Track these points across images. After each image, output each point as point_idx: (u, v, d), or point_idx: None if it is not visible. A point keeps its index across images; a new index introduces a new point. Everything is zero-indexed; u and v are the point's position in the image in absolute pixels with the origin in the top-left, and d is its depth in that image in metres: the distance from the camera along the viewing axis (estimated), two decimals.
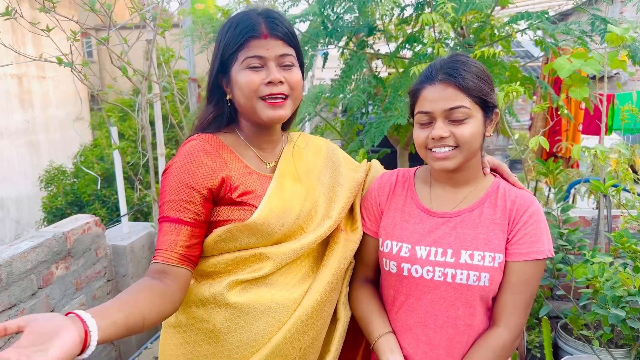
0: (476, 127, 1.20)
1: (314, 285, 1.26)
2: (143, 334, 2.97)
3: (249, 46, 1.18)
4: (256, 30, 1.18)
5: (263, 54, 1.18)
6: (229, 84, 1.24)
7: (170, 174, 1.20)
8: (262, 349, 1.19)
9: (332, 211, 1.33)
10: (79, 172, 7.09)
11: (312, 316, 1.24)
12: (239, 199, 1.21)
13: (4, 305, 2.11)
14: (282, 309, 1.21)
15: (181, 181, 1.17)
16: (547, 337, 2.11)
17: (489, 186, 1.30)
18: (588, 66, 2.39)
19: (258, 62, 1.19)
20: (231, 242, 1.21)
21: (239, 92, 1.21)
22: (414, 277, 1.26)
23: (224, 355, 1.21)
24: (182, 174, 1.18)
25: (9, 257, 2.13)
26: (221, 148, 1.25)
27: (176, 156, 1.24)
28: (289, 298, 1.23)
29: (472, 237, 1.24)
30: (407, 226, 1.31)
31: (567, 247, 2.27)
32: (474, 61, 1.23)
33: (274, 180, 1.26)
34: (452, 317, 1.24)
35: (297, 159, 1.37)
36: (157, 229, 1.26)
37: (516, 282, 1.22)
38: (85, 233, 2.58)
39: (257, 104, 1.20)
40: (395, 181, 1.39)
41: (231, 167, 1.23)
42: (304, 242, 1.26)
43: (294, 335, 1.21)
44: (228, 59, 1.21)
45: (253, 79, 1.18)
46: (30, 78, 11.08)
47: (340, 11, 3.11)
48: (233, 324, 1.20)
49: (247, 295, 1.21)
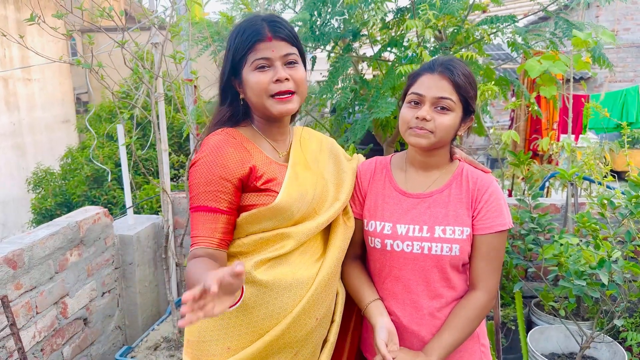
0: (454, 121, 1.42)
1: (325, 262, 1.44)
2: (148, 317, 3.16)
3: (256, 49, 1.32)
4: (261, 34, 1.32)
5: (269, 55, 1.32)
6: (241, 84, 1.38)
7: (202, 167, 1.32)
8: (283, 320, 1.36)
9: (341, 194, 1.51)
10: (66, 174, 7.20)
11: (325, 289, 1.42)
12: (263, 187, 1.36)
13: (26, 287, 2.30)
14: (302, 284, 1.38)
15: (214, 173, 1.30)
16: (520, 309, 2.36)
17: (455, 169, 1.52)
18: (556, 67, 2.64)
19: (265, 63, 1.33)
20: (256, 225, 1.36)
21: (251, 91, 1.35)
22: (396, 251, 1.47)
23: (251, 326, 1.37)
24: (214, 167, 1.31)
25: (30, 243, 2.32)
26: (244, 140, 1.39)
27: (203, 150, 1.36)
28: (307, 275, 1.39)
29: (444, 215, 1.46)
30: (387, 207, 1.52)
31: (538, 229, 2.53)
32: (467, 68, 1.45)
33: (289, 169, 1.41)
34: (430, 282, 1.46)
35: (305, 149, 1.53)
36: (166, 222, 1.42)
37: (486, 252, 1.46)
38: (96, 223, 2.77)
39: (267, 101, 1.34)
40: (374, 168, 1.60)
41: (255, 158, 1.37)
42: (319, 221, 1.43)
43: (312, 306, 1.39)
44: (238, 62, 1.35)
45: (262, 79, 1.32)
46: (15, 80, 11.09)
47: (327, 17, 3.35)
48: (259, 299, 1.36)
49: (272, 273, 1.36)
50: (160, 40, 2.49)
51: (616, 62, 12.65)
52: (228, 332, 1.38)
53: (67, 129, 12.58)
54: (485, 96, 2.56)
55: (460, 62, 1.46)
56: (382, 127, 3.74)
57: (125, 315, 3.10)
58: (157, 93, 2.69)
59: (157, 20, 2.55)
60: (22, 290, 2.27)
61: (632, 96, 8.52)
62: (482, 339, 1.56)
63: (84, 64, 2.21)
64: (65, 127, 12.63)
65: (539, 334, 2.46)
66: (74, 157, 7.20)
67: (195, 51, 2.89)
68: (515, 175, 4.66)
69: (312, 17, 3.06)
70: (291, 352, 1.40)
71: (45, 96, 12.02)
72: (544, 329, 2.48)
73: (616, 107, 8.54)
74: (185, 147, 6.42)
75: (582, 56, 2.74)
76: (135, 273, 3.04)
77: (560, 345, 2.45)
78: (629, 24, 12.61)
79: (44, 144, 11.74)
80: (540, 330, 2.48)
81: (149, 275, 3.19)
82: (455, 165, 1.54)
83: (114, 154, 6.37)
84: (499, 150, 4.09)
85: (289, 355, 1.40)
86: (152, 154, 5.95)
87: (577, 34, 2.56)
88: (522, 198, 2.60)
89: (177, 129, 6.21)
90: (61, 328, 2.53)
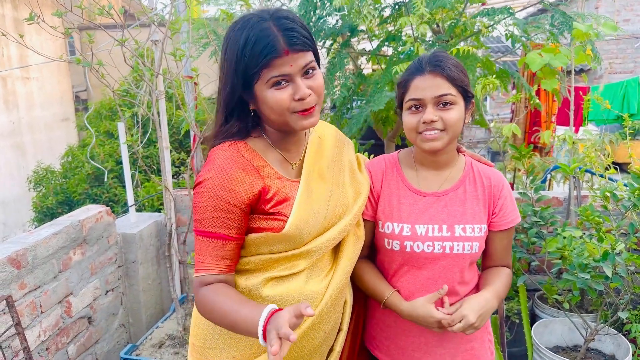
0: (460, 112, 1.41)
1: (335, 276, 1.38)
2: (152, 315, 3.17)
3: (272, 65, 1.17)
4: (277, 50, 1.15)
5: (288, 71, 1.18)
6: (253, 99, 1.25)
7: (208, 190, 1.23)
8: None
9: (355, 207, 1.43)
10: (67, 172, 7.20)
11: (334, 303, 1.38)
12: (272, 210, 1.27)
13: (31, 287, 2.30)
14: (310, 300, 1.31)
15: (222, 198, 1.22)
16: (524, 303, 2.36)
17: (464, 166, 1.52)
18: (557, 60, 2.63)
19: (283, 79, 1.19)
20: (264, 247, 1.30)
21: (269, 110, 1.22)
22: (415, 252, 1.45)
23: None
24: (222, 191, 1.22)
25: (33, 243, 2.32)
26: (253, 158, 1.28)
27: (209, 169, 1.25)
28: (316, 290, 1.33)
29: (462, 213, 1.46)
30: (403, 208, 1.49)
31: (540, 222, 2.53)
32: (453, 57, 1.44)
33: (302, 185, 1.31)
34: (449, 279, 1.46)
35: (319, 153, 1.41)
36: (169, 220, 1.39)
37: (507, 242, 1.54)
38: (98, 222, 2.77)
39: (289, 118, 1.22)
40: (385, 167, 1.56)
41: (265, 177, 1.27)
42: (329, 236, 1.35)
43: (320, 321, 1.34)
44: (251, 77, 1.20)
45: (283, 98, 1.19)
46: (14, 79, 11.06)
47: (324, 14, 3.34)
48: None
49: (279, 288, 1.31)
50: (160, 38, 2.48)
51: (616, 54, 12.65)
52: (234, 342, 1.36)
53: (67, 127, 12.57)
54: (487, 89, 2.55)
55: (445, 53, 1.45)
56: (382, 122, 3.74)
57: (129, 314, 3.10)
58: (158, 91, 2.68)
59: (157, 17, 2.54)
60: (26, 290, 2.27)
61: (633, 87, 8.51)
62: (489, 329, 1.58)
63: (84, 62, 2.20)
64: (64, 126, 12.62)
65: (543, 327, 2.46)
66: (75, 155, 7.19)
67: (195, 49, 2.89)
68: (517, 168, 4.66)
69: (307, 14, 3.05)
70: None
71: (44, 95, 11.99)
72: (548, 322, 2.48)
73: (617, 99, 8.53)
74: (186, 145, 6.41)
75: (583, 48, 2.73)
76: (138, 271, 3.04)
77: (565, 338, 2.45)
78: (629, 15, 12.58)
79: (43, 143, 11.72)
80: (545, 324, 2.48)
81: (152, 273, 3.20)
82: (462, 161, 1.54)
83: (115, 151, 6.36)
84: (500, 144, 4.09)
85: None
86: (153, 151, 5.95)
87: (578, 26, 2.55)
88: (524, 191, 2.60)
89: (177, 126, 6.20)
90: (66, 327, 2.54)
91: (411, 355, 1.53)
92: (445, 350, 1.50)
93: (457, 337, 1.49)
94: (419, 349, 1.51)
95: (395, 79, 2.84)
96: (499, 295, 1.44)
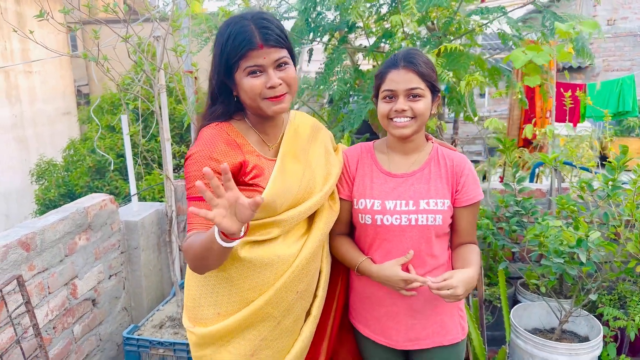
0: (427, 104, 1.60)
1: (307, 242, 1.58)
2: (153, 299, 3.32)
3: (248, 56, 1.39)
4: (252, 43, 1.38)
5: (261, 62, 1.40)
6: (234, 85, 1.47)
7: (197, 161, 1.42)
8: (266, 292, 1.52)
9: (325, 186, 1.64)
10: (69, 165, 7.34)
11: (306, 266, 1.56)
12: (250, 182, 1.47)
13: (39, 269, 2.44)
14: (283, 262, 1.52)
15: (208, 167, 1.40)
16: (503, 286, 2.51)
17: (431, 150, 1.70)
18: (539, 57, 2.76)
19: (257, 69, 1.41)
20: None
21: (245, 95, 1.44)
22: (385, 225, 1.63)
23: (237, 296, 1.53)
24: (208, 161, 1.41)
25: (42, 227, 2.46)
26: (236, 135, 1.49)
27: (197, 144, 1.46)
28: (289, 253, 1.53)
29: (426, 190, 1.63)
30: (375, 187, 1.68)
31: (522, 212, 2.67)
32: (424, 55, 1.62)
33: (277, 163, 1.52)
34: (417, 250, 1.62)
35: (297, 138, 1.62)
36: (169, 207, 1.53)
37: (472, 217, 1.69)
38: (102, 209, 2.91)
39: (261, 103, 1.44)
40: (360, 153, 1.76)
41: (245, 153, 1.48)
42: (301, 210, 1.56)
43: (292, 281, 1.53)
44: (231, 67, 1.42)
45: (255, 84, 1.41)
46: (17, 73, 11.17)
47: (323, 9, 3.48)
48: (244, 273, 1.50)
49: (256, 252, 1.50)
50: (162, 34, 2.62)
51: (613, 51, 12.77)
52: (218, 300, 1.54)
53: (69, 121, 12.70)
54: (472, 85, 2.69)
55: (418, 51, 1.63)
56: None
57: (131, 297, 3.25)
58: (160, 84, 2.82)
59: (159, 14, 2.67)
60: (35, 271, 2.41)
61: (628, 85, 8.63)
62: (460, 305, 1.72)
63: (90, 57, 2.33)
64: (66, 119, 12.74)
65: (523, 310, 2.61)
66: (76, 148, 7.33)
67: (196, 44, 3.02)
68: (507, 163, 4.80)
69: (306, 11, 3.18)
70: (274, 322, 1.55)
71: (46, 88, 12.10)
72: (527, 306, 2.63)
73: (613, 96, 8.67)
74: (187, 138, 6.55)
75: (565, 46, 2.86)
76: (140, 257, 3.18)
77: (543, 321, 2.60)
78: (627, 13, 12.70)
79: (45, 136, 11.85)
80: (524, 307, 2.62)
81: (153, 260, 3.34)
82: (429, 146, 1.71)
83: (116, 145, 6.50)
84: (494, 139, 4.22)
85: (272, 324, 1.55)
86: (154, 145, 6.08)
87: (559, 26, 2.68)
88: (507, 182, 2.74)
89: (178, 120, 6.34)
90: (71, 308, 2.68)
91: (385, 324, 1.69)
92: (415, 321, 1.65)
93: (427, 309, 1.65)
94: (392, 319, 1.67)
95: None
96: (479, 273, 1.61)
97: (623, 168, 2.36)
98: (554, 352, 2.27)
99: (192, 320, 1.61)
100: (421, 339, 1.67)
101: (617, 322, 2.42)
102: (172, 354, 2.56)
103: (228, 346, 1.57)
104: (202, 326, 1.57)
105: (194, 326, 1.60)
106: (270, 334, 1.56)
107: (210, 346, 1.58)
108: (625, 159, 2.33)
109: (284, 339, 1.59)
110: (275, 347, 1.59)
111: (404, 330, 1.67)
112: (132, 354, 2.63)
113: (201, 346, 1.60)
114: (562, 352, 2.27)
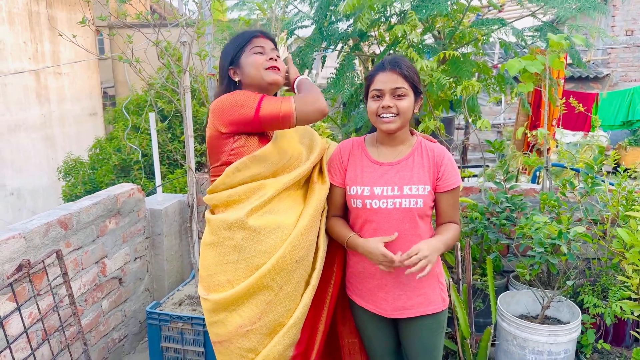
0: (410, 102, 1.84)
1: (302, 216, 1.87)
2: (173, 282, 3.61)
3: (253, 42, 1.90)
4: (255, 34, 1.92)
5: (263, 44, 1.91)
6: (238, 68, 1.90)
7: (225, 101, 1.84)
8: (270, 259, 1.79)
9: (311, 156, 1.98)
10: (95, 163, 7.70)
11: (302, 236, 1.83)
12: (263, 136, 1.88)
13: (74, 246, 2.74)
14: (284, 229, 1.81)
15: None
16: (490, 273, 2.74)
17: (415, 143, 1.95)
18: (533, 66, 2.99)
19: (260, 50, 1.89)
20: (246, 171, 1.81)
21: (250, 66, 1.88)
22: (374, 208, 1.87)
23: (245, 262, 1.80)
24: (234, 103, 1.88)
25: (78, 210, 2.77)
26: None
27: (218, 100, 1.86)
28: (288, 222, 1.83)
29: (410, 177, 1.87)
30: (365, 175, 1.92)
31: (512, 207, 2.90)
32: (407, 60, 1.88)
33: (274, 137, 1.90)
34: (403, 230, 1.86)
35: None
36: (191, 196, 1.85)
37: (452, 202, 1.92)
38: (130, 197, 3.21)
39: (263, 73, 1.88)
40: (352, 146, 2.01)
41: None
42: (292, 176, 1.88)
43: (292, 249, 1.80)
44: (238, 53, 1.90)
45: (260, 58, 1.89)
46: (47, 74, 11.60)
47: (335, 19, 3.76)
48: (251, 240, 1.78)
49: (260, 220, 1.79)
50: (188, 40, 2.91)
51: (631, 61, 12.85)
52: (227, 268, 1.82)
53: (95, 121, 13.13)
54: (469, 90, 2.93)
55: (403, 58, 1.88)
56: None
57: (154, 280, 3.54)
58: (185, 85, 3.12)
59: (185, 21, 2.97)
60: (71, 248, 2.71)
61: (639, 95, 8.78)
62: (440, 278, 1.96)
63: (125, 59, 2.63)
64: (92, 120, 13.18)
65: (510, 297, 2.83)
66: (103, 147, 7.69)
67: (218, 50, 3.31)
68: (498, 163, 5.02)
69: (319, 21, 3.46)
70: (277, 286, 1.82)
71: (74, 89, 12.52)
72: (514, 293, 2.85)
73: (623, 105, 8.81)
74: None
75: (559, 56, 3.08)
76: (163, 242, 3.48)
77: (529, 308, 2.81)
78: None
79: (72, 136, 12.27)
80: (512, 294, 2.85)
81: (174, 246, 3.64)
82: (414, 139, 1.96)
83: (141, 144, 6.84)
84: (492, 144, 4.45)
85: (275, 289, 1.82)
86: (178, 146, 6.41)
87: (551, 37, 2.91)
88: (499, 181, 2.98)
89: (200, 121, 6.66)
90: (101, 284, 2.98)
91: (376, 295, 1.94)
92: (402, 292, 1.90)
93: (411, 283, 1.88)
94: (382, 290, 1.92)
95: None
96: (446, 241, 1.84)
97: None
98: (535, 333, 2.49)
99: (206, 289, 1.87)
100: (407, 308, 1.92)
101: (596, 309, 2.63)
102: (190, 327, 2.84)
103: (239, 310, 1.84)
104: (215, 293, 1.84)
105: (207, 294, 1.87)
106: (275, 298, 1.82)
107: (223, 311, 1.85)
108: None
109: (286, 304, 1.85)
110: (279, 311, 1.85)
111: (392, 300, 1.92)
112: (154, 327, 2.91)
113: (215, 311, 1.86)
114: (542, 333, 2.48)
